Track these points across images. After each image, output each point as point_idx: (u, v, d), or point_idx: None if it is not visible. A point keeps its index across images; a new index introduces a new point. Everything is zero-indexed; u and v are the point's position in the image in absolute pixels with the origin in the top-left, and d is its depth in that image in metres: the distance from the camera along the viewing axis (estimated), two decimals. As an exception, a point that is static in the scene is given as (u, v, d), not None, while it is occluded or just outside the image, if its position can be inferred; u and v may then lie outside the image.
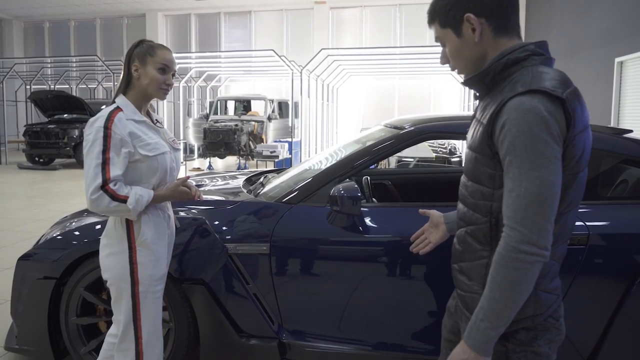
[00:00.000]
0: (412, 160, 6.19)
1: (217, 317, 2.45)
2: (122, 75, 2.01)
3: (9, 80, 16.23)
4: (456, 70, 1.36)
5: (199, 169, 12.86)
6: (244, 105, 14.64)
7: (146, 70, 1.97)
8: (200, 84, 16.30)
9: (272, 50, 10.95)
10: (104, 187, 1.81)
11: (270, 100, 13.56)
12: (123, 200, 1.82)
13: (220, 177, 3.79)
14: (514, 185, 1.14)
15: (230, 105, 15.03)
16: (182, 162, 11.34)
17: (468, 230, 1.32)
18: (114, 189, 1.82)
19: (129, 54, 2.00)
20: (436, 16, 1.31)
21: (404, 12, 16.93)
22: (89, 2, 17.74)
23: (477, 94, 1.35)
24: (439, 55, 1.39)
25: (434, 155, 6.73)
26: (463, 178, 1.36)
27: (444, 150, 7.19)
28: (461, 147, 8.44)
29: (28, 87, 16.10)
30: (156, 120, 2.12)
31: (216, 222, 2.51)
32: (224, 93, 17.22)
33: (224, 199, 2.82)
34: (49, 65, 18.49)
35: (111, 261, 1.97)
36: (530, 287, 1.16)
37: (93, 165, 1.82)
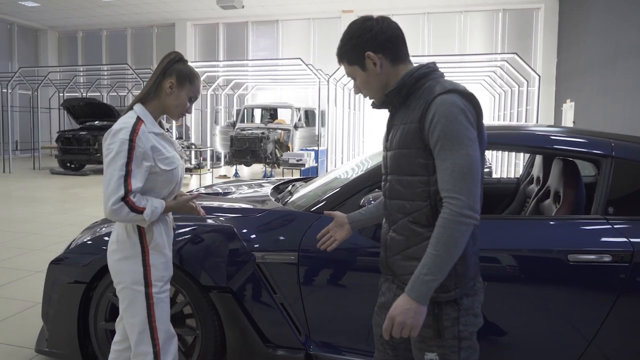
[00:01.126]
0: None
1: (244, 326, 2.43)
2: (150, 83, 2.01)
3: (44, 88, 16.70)
4: (369, 99, 1.63)
5: (225, 176, 12.96)
6: (271, 113, 14.72)
7: (180, 94, 2.01)
8: (228, 92, 16.49)
9: (299, 58, 10.99)
10: (124, 198, 1.85)
11: (296, 108, 13.61)
12: (141, 211, 1.88)
13: (246, 184, 3.80)
14: (448, 164, 1.40)
15: (257, 113, 15.14)
16: (196, 173, 11.44)
17: (410, 218, 1.53)
18: (134, 200, 1.87)
19: (168, 66, 2.00)
20: (344, 57, 1.58)
21: (433, 20, 16.83)
22: (120, 12, 18.16)
23: (390, 109, 1.61)
24: (468, 64, 1.61)
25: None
26: (393, 176, 1.58)
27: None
28: (490, 157, 8.31)
29: (61, 94, 16.53)
30: (167, 129, 2.14)
31: (244, 230, 2.50)
32: (251, 101, 17.35)
33: (252, 207, 2.81)
34: (82, 74, 18.96)
35: (124, 265, 2.01)
36: (463, 246, 1.40)
37: (116, 176, 1.86)
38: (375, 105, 1.63)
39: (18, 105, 17.97)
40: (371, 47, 1.52)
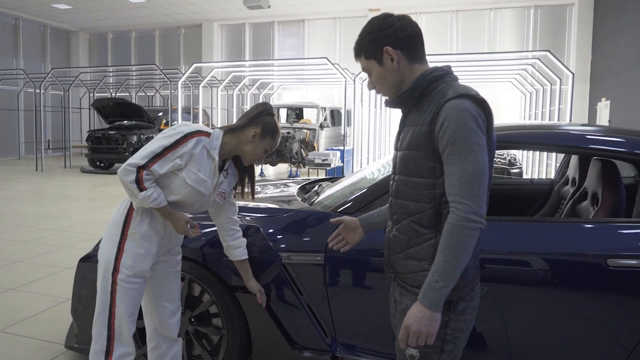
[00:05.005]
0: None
1: (270, 327, 2.41)
2: (239, 122, 2.10)
3: (74, 89, 17.10)
4: (382, 96, 1.64)
5: (250, 175, 13.00)
6: (296, 113, 14.73)
7: (259, 144, 2.09)
8: (254, 91, 16.57)
9: (326, 58, 10.96)
10: (139, 169, 1.92)
11: (322, 108, 13.58)
12: (142, 189, 1.93)
13: (272, 184, 3.78)
14: (456, 169, 1.41)
15: (283, 113, 15.17)
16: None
17: (413, 219, 1.55)
18: (145, 177, 1.93)
19: (259, 115, 2.08)
20: (362, 51, 1.60)
21: (461, 18, 16.59)
22: (149, 13, 18.46)
23: (403, 109, 1.62)
24: (497, 63, 1.55)
25: (491, 165, 6.48)
26: (400, 177, 1.59)
27: (503, 161, 6.90)
28: (521, 157, 8.10)
29: (91, 94, 16.90)
30: (226, 168, 2.17)
31: (270, 230, 2.48)
32: (277, 101, 17.41)
33: (278, 206, 2.79)
34: (111, 74, 19.34)
35: (104, 243, 2.06)
36: (471, 251, 1.42)
37: (150, 149, 1.94)
38: (388, 104, 1.65)
39: (50, 105, 18.44)
40: (390, 42, 1.53)
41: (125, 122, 14.63)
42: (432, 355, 1.53)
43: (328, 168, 10.90)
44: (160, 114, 15.24)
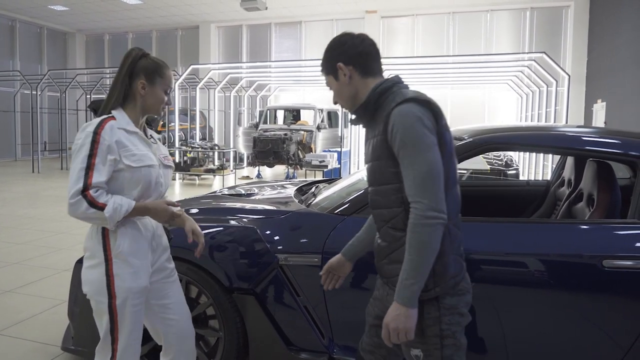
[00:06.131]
0: (465, 172, 5.99)
1: (267, 329, 2.41)
2: (117, 87, 1.92)
3: (71, 90, 17.06)
4: (347, 111, 1.74)
5: (247, 177, 13.02)
6: (294, 114, 14.74)
7: (154, 91, 1.93)
8: (251, 93, 16.58)
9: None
10: (84, 192, 1.74)
11: (319, 109, 13.59)
12: (101, 207, 1.74)
13: (269, 186, 3.78)
14: (409, 170, 1.49)
15: (280, 114, 15.18)
16: (218, 174, 11.49)
17: (389, 225, 1.62)
18: (94, 195, 1.75)
19: (132, 66, 1.92)
20: (322, 68, 1.74)
21: (458, 20, 16.62)
22: (146, 15, 18.44)
23: (364, 124, 1.71)
24: (494, 64, 1.61)
25: (488, 167, 6.48)
26: (372, 188, 1.68)
27: (500, 163, 6.91)
28: (517, 158, 8.09)
29: (88, 96, 16.84)
30: (150, 135, 2.03)
31: (267, 232, 2.48)
32: (274, 102, 17.42)
33: (275, 208, 2.79)
34: (108, 76, 19.28)
35: (89, 274, 1.88)
36: (437, 246, 1.48)
37: (77, 169, 1.76)
38: (352, 122, 1.75)
39: (47, 106, 18.40)
40: (342, 59, 1.66)
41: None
42: (434, 352, 1.58)
43: (325, 170, 10.91)
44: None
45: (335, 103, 1.77)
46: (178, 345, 2.11)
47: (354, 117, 1.72)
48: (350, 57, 1.65)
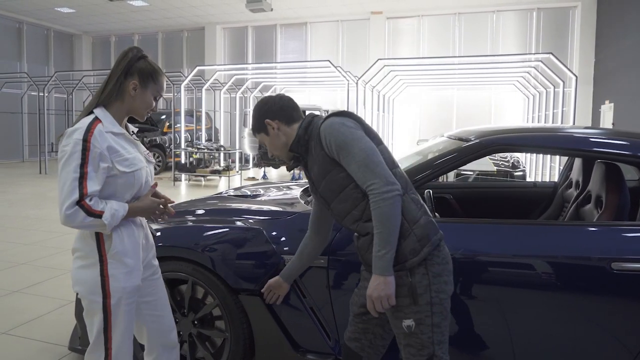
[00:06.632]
0: (471, 173, 5.97)
1: (273, 330, 2.41)
2: (109, 85, 1.89)
3: (78, 92, 17.16)
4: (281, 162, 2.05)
5: (253, 178, 13.04)
6: (299, 115, 14.71)
7: (144, 94, 1.91)
8: (256, 94, 16.60)
9: (328, 60, 10.98)
10: (80, 202, 1.72)
11: (325, 110, 13.58)
12: (98, 215, 1.74)
13: (275, 187, 3.78)
14: (353, 164, 1.74)
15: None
16: (224, 175, 11.48)
17: (362, 220, 1.81)
18: (90, 204, 1.74)
19: (129, 65, 1.89)
20: (254, 129, 2.00)
21: (464, 20, 16.58)
22: (152, 17, 18.51)
23: (302, 161, 1.97)
24: (500, 65, 1.74)
25: (495, 168, 6.45)
26: (334, 204, 1.87)
27: (506, 164, 6.88)
28: (524, 160, 8.05)
29: (95, 97, 16.86)
30: (132, 132, 2.01)
31: (273, 233, 2.48)
32: (279, 103, 17.38)
33: (281, 209, 2.79)
34: (115, 77, 19.37)
35: (82, 274, 1.86)
36: (399, 216, 1.70)
37: (70, 179, 1.73)
38: (289, 168, 2.02)
39: (54, 108, 18.50)
40: (268, 116, 1.93)
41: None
42: (425, 320, 1.74)
43: (331, 171, 10.87)
44: (164, 116, 15.27)
45: (271, 156, 1.97)
46: (162, 339, 2.14)
47: (291, 162, 1.97)
48: (275, 112, 1.93)
